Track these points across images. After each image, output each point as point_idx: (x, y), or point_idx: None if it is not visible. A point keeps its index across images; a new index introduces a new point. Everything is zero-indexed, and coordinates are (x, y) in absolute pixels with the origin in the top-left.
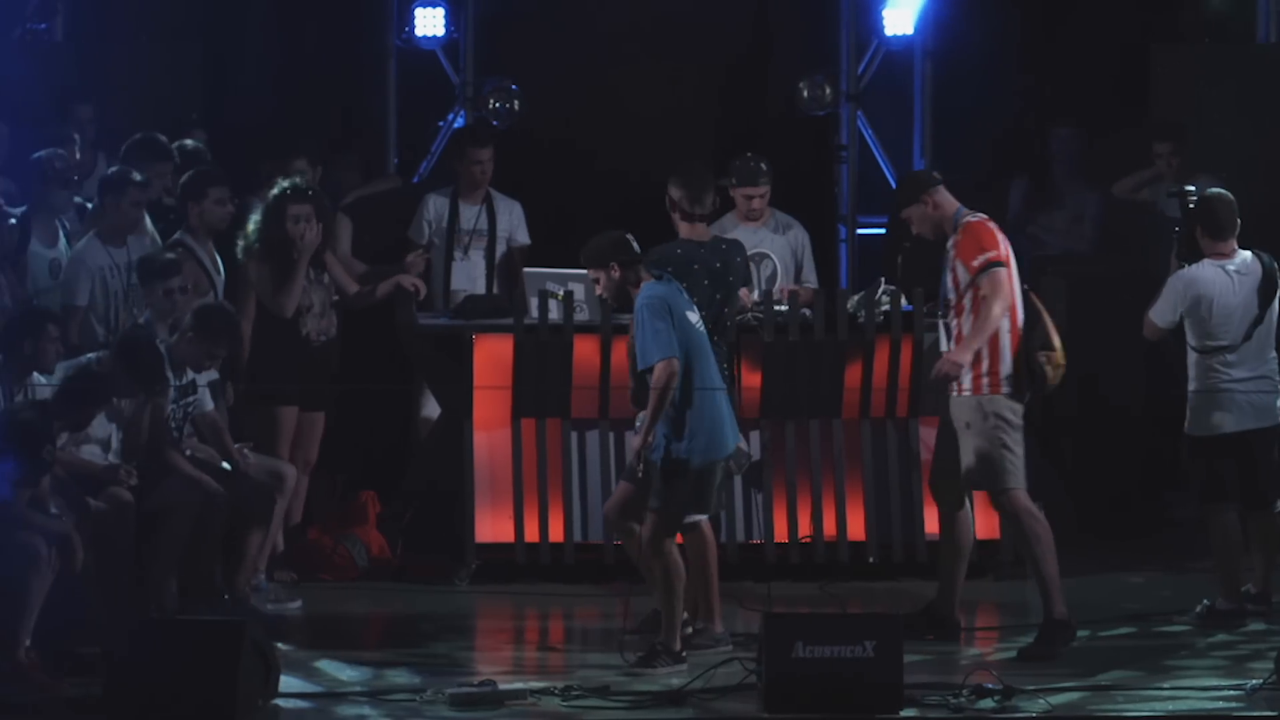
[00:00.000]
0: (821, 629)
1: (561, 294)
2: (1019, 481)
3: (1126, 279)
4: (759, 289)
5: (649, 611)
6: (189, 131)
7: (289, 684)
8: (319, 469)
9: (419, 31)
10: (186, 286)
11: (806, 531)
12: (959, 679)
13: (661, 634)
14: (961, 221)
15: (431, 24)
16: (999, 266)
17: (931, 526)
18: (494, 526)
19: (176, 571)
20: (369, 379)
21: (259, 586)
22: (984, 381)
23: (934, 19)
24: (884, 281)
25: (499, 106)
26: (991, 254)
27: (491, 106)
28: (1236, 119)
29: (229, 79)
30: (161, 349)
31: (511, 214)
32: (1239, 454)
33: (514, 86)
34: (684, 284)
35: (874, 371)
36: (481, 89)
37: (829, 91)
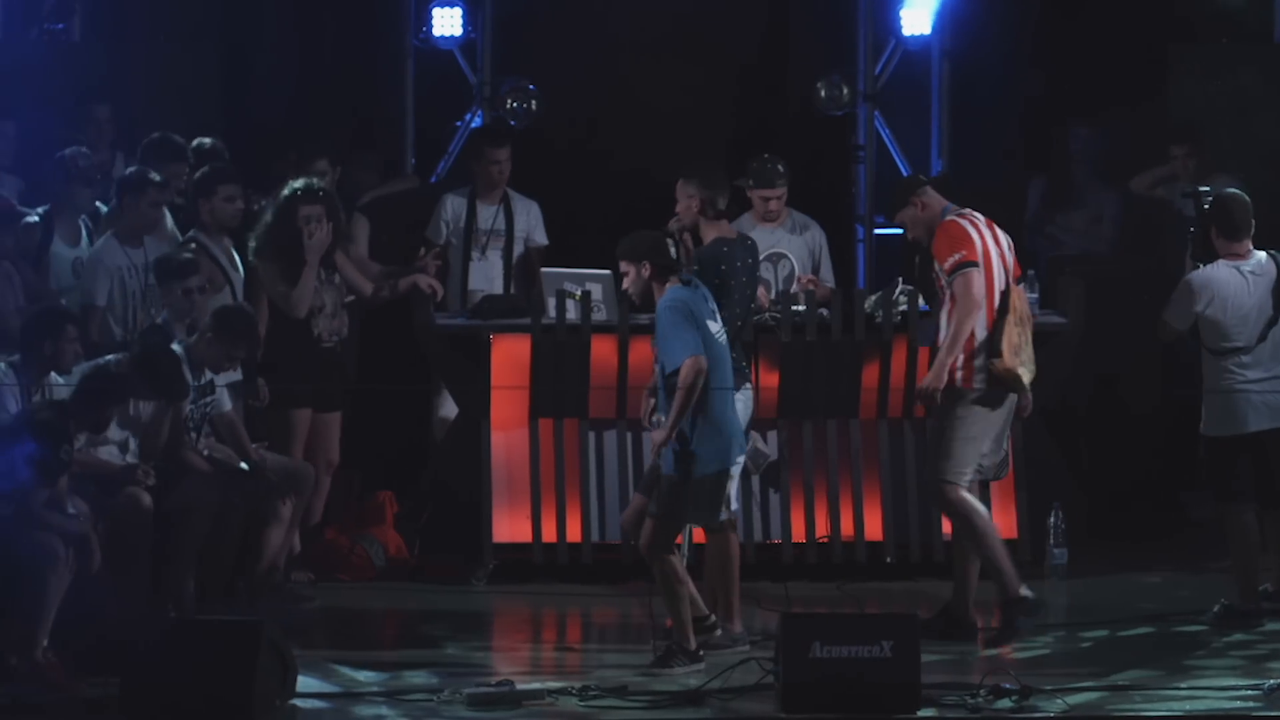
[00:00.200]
0: (839, 629)
1: (579, 294)
2: (958, 476)
3: (1144, 279)
4: (776, 289)
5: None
6: (206, 131)
7: (306, 684)
8: (337, 469)
9: (436, 31)
10: (204, 285)
11: (824, 532)
12: (976, 679)
13: (674, 635)
14: (940, 220)
15: (449, 24)
16: (970, 267)
17: (949, 527)
18: (511, 526)
19: (194, 571)
20: (387, 379)
21: (280, 585)
22: (958, 375)
23: (951, 19)
24: (901, 281)
25: (516, 106)
26: (961, 254)
27: (509, 106)
28: (1254, 118)
29: (246, 79)
30: (180, 354)
31: (529, 214)
32: (1255, 454)
33: (531, 86)
34: (729, 283)
35: (891, 371)
36: (499, 89)
37: (846, 91)
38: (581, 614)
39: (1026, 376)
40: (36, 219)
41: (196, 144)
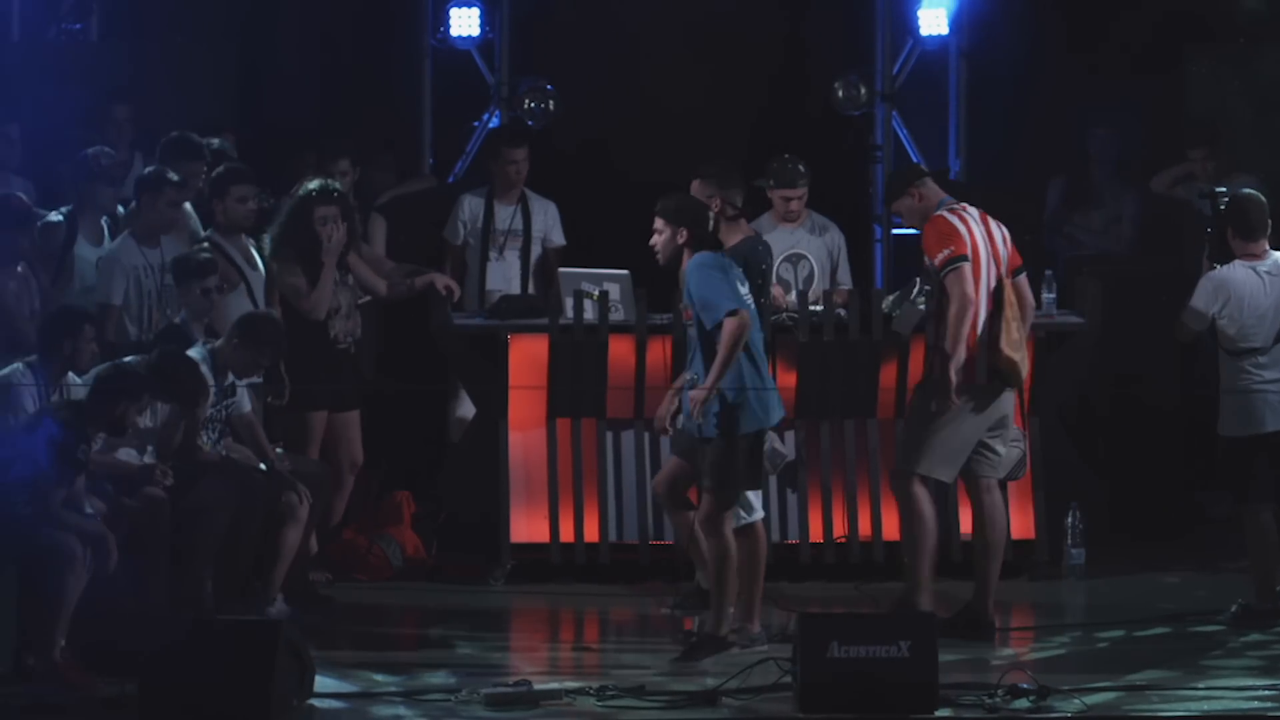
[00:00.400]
0: (857, 629)
1: (597, 294)
2: (926, 469)
3: (1162, 279)
4: (796, 289)
5: (690, 589)
6: (218, 132)
7: (324, 684)
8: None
9: (454, 31)
10: (222, 285)
11: (841, 532)
12: (994, 679)
13: (709, 621)
14: (933, 214)
15: (467, 24)
16: (961, 262)
17: (966, 527)
18: (529, 526)
19: (211, 572)
20: (405, 379)
21: (305, 588)
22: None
23: (969, 18)
24: (919, 281)
25: (534, 106)
26: (950, 250)
27: (527, 107)
28: (1272, 117)
29: (264, 79)
30: (201, 357)
31: (546, 214)
32: (1273, 454)
33: (549, 86)
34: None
35: (909, 371)
36: (517, 89)
37: (864, 91)
38: (599, 614)
39: (1024, 370)
40: (60, 219)
41: (205, 144)
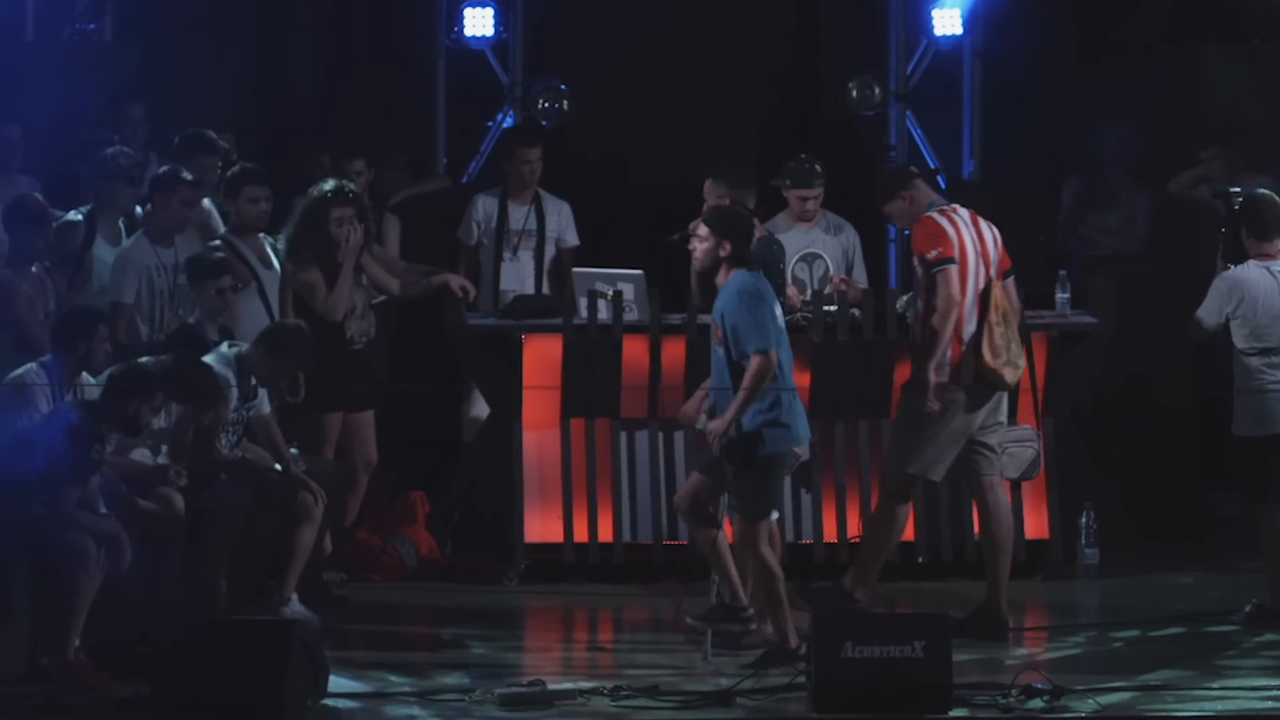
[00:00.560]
0: (871, 629)
1: (611, 294)
2: (916, 469)
3: (1175, 279)
4: (811, 289)
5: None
6: (219, 132)
7: (338, 684)
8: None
9: (468, 31)
10: (237, 285)
11: (855, 532)
12: (1008, 679)
13: (775, 635)
14: (922, 215)
15: (481, 24)
16: (947, 264)
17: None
18: (543, 526)
19: (225, 572)
20: (419, 380)
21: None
22: (944, 371)
23: (983, 18)
24: None
25: (548, 107)
26: (938, 251)
27: (540, 107)
28: None
29: (278, 79)
30: (224, 360)
31: (560, 214)
32: None
33: (563, 86)
34: (777, 280)
35: None
36: (531, 89)
37: (878, 91)
38: (613, 614)
39: (1010, 375)
40: (79, 219)
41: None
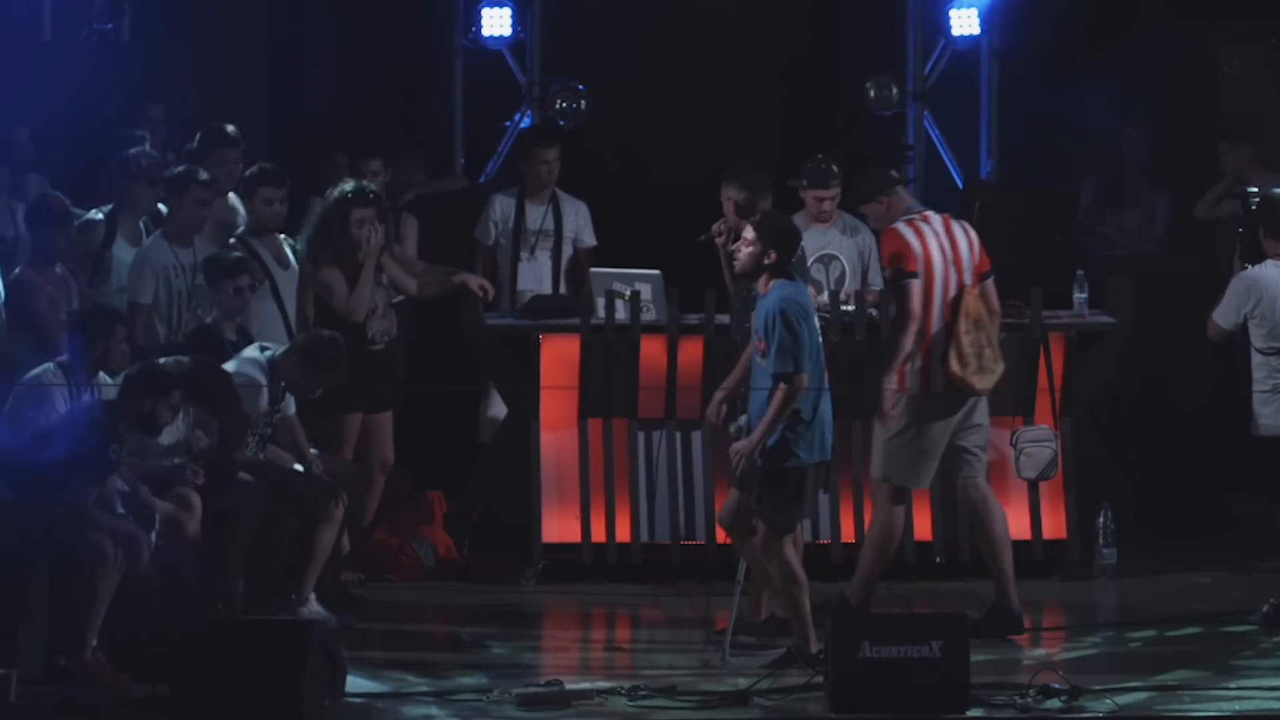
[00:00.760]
0: (888, 629)
1: (628, 294)
2: (899, 479)
3: (1193, 279)
4: (828, 290)
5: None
6: (255, 130)
7: (355, 684)
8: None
9: (486, 31)
10: (254, 285)
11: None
12: (1025, 679)
13: (794, 638)
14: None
15: (498, 24)
16: (908, 278)
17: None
18: (560, 526)
19: (243, 572)
20: (437, 379)
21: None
22: (913, 380)
23: (1001, 18)
24: None
25: (566, 106)
26: (899, 266)
27: (558, 107)
28: None
29: (296, 79)
30: (257, 365)
31: (578, 214)
32: None
33: (580, 86)
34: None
35: None
36: (548, 89)
37: (895, 91)
38: (630, 614)
39: (981, 382)
40: (100, 218)
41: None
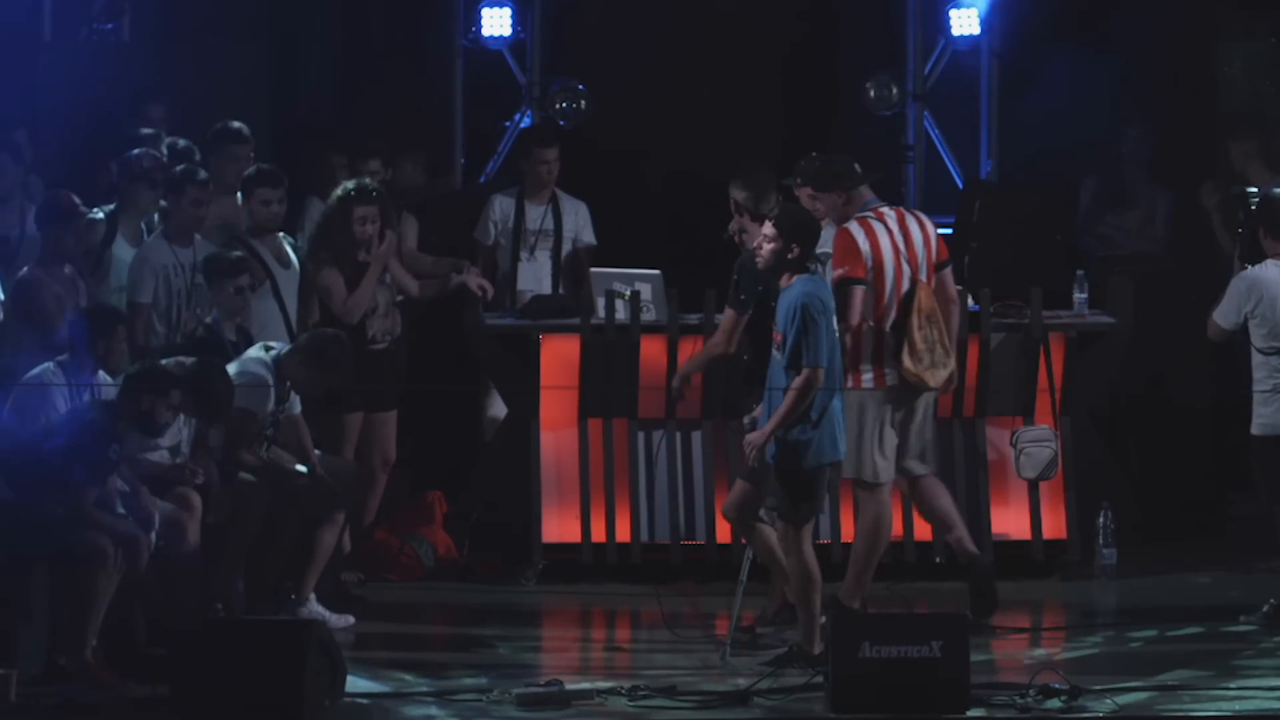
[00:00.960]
0: (888, 629)
1: (628, 294)
2: (870, 475)
3: (1193, 279)
4: None
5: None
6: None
7: (355, 684)
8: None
9: (486, 31)
10: (255, 284)
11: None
12: (1025, 679)
13: (799, 636)
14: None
15: (498, 24)
16: (851, 284)
17: (999, 527)
18: (560, 526)
19: (242, 572)
20: (437, 379)
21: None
22: (866, 376)
23: (1001, 18)
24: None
25: (566, 107)
26: (844, 269)
27: (558, 107)
28: None
29: (296, 79)
30: (262, 364)
31: (577, 214)
32: None
33: (580, 86)
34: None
35: None
36: (548, 89)
37: (895, 91)
38: (630, 614)
39: (934, 378)
40: (100, 217)
41: (170, 142)
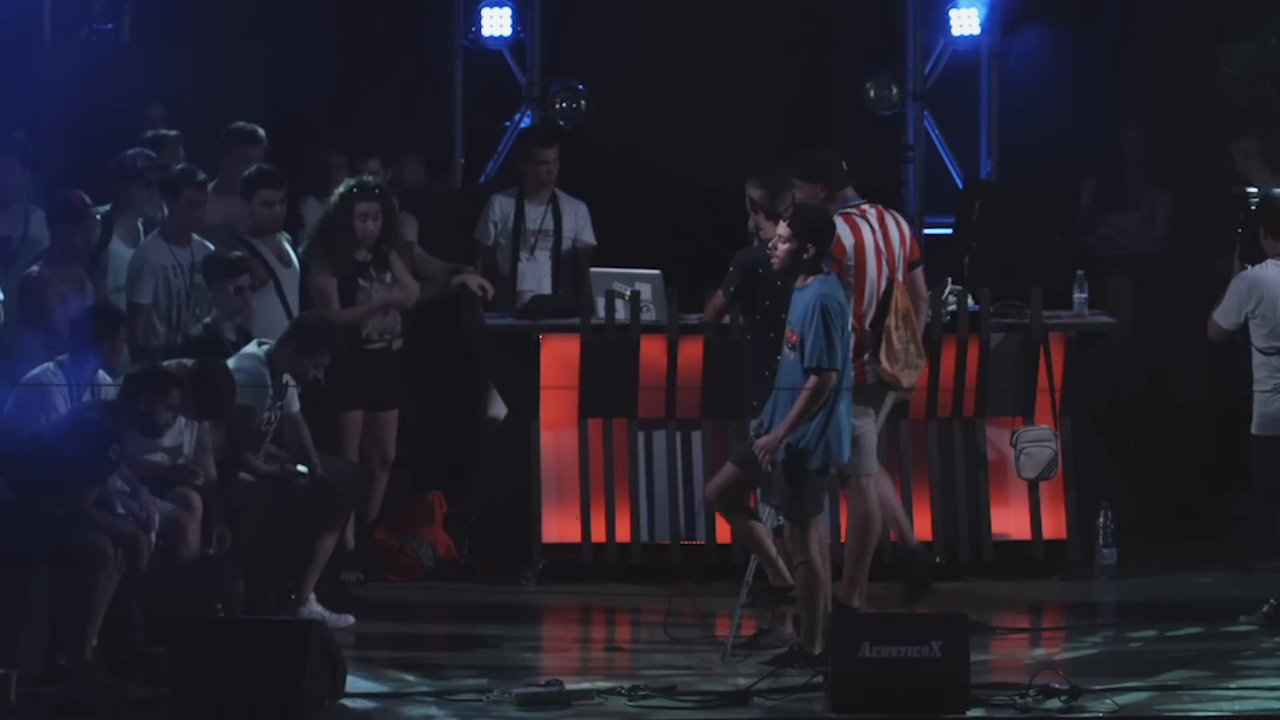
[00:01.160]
0: (888, 629)
1: (628, 294)
2: (856, 469)
3: (1193, 279)
4: None
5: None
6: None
7: (355, 684)
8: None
9: (486, 31)
10: (255, 284)
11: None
12: (1025, 679)
13: (801, 636)
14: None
15: (498, 24)
16: None
17: (999, 527)
18: (560, 526)
19: (243, 572)
20: (436, 379)
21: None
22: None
23: (1001, 18)
24: (951, 281)
25: (566, 106)
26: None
27: (558, 107)
28: None
29: (296, 78)
30: (254, 360)
31: (577, 214)
32: None
33: (580, 86)
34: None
35: (940, 371)
36: (548, 89)
37: (895, 91)
38: (630, 614)
39: (907, 379)
40: (97, 217)
41: (154, 134)
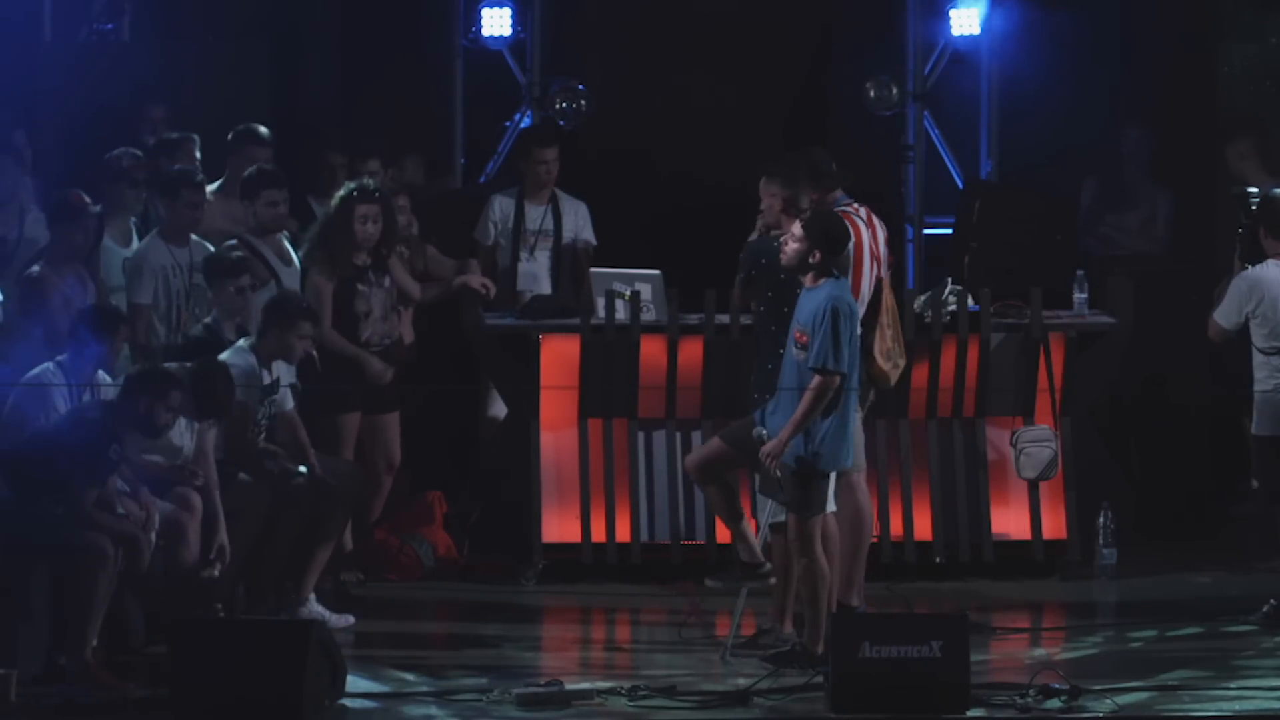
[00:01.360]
0: (888, 629)
1: (628, 294)
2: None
3: (1193, 279)
4: None
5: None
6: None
7: (355, 684)
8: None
9: (486, 31)
10: (256, 284)
11: (873, 532)
12: (1025, 679)
13: (805, 636)
14: None
15: (498, 24)
16: None
17: (999, 527)
18: (560, 526)
19: (243, 572)
20: (436, 379)
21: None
22: None
23: (1001, 19)
24: (950, 281)
25: (566, 107)
26: None
27: (558, 107)
28: None
29: (296, 79)
30: (241, 355)
31: (577, 214)
32: None
33: (580, 86)
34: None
35: (940, 371)
36: (548, 89)
37: (895, 92)
38: (630, 614)
39: (894, 376)
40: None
41: (171, 136)
